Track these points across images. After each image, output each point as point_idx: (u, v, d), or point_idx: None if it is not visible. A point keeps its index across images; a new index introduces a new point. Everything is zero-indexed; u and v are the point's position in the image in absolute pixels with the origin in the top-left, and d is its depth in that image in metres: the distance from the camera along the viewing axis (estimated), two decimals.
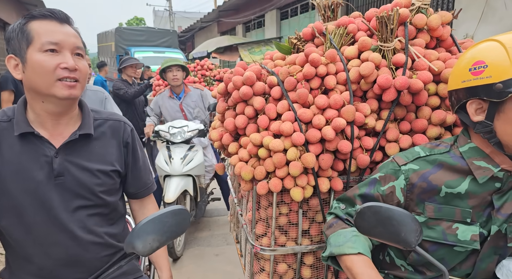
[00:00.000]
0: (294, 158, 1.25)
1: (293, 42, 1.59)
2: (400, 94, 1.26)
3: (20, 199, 1.03)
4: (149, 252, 0.84)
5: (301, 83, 1.34)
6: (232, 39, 13.73)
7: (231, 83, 1.45)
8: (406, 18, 1.34)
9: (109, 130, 1.18)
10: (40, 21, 1.00)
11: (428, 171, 1.04)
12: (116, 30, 13.92)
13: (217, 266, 3.07)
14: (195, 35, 22.24)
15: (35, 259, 1.08)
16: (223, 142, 1.49)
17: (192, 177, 3.20)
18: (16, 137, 1.03)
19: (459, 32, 6.36)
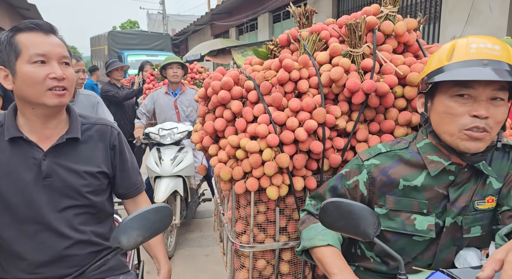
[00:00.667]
0: (269, 158, 1.32)
1: (270, 48, 1.67)
2: (368, 97, 1.34)
3: (10, 199, 1.09)
4: (133, 246, 0.89)
5: (276, 87, 1.41)
6: (225, 42, 13.79)
7: (210, 88, 1.52)
8: (374, 25, 1.42)
9: (96, 134, 1.24)
10: (27, 33, 1.06)
11: (388, 165, 1.13)
12: (109, 33, 13.95)
13: (207, 266, 3.12)
14: (189, 38, 22.31)
15: (25, 256, 1.13)
16: (204, 144, 1.56)
17: (182, 178, 3.26)
18: (6, 141, 1.10)
19: (447, 34, 6.49)
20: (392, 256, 0.89)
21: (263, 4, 12.60)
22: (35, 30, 1.07)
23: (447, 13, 6.56)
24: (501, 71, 0.91)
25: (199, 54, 13.36)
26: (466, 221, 1.09)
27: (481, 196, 1.10)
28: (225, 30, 16.57)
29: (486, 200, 1.10)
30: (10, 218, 1.11)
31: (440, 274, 0.89)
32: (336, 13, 9.79)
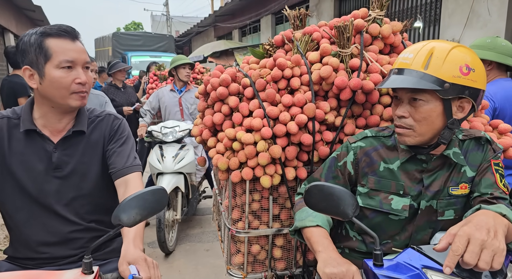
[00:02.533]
0: (263, 149, 1.44)
1: (266, 48, 1.79)
2: (355, 94, 1.45)
3: (24, 183, 1.21)
4: (132, 224, 0.96)
5: (270, 84, 1.53)
6: (228, 43, 13.90)
7: (210, 85, 1.64)
8: (361, 28, 1.54)
9: (100, 125, 1.34)
10: (56, 39, 1.15)
11: (372, 148, 1.28)
12: (113, 35, 14.12)
13: (207, 260, 3.23)
14: (192, 40, 22.50)
15: (33, 237, 1.24)
16: (203, 137, 1.68)
17: (184, 175, 3.38)
18: (22, 132, 1.21)
19: (446, 36, 6.59)
20: (368, 233, 1.01)
21: (266, 6, 12.75)
22: (64, 37, 1.16)
23: (446, 15, 6.66)
24: (402, 78, 1.10)
25: (202, 55, 13.48)
26: (441, 205, 1.21)
27: (455, 183, 1.21)
28: (228, 32, 16.73)
29: (459, 187, 1.21)
30: (22, 202, 1.22)
31: (411, 250, 1.01)
32: (338, 15, 9.92)
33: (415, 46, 1.14)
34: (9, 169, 1.20)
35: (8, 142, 1.19)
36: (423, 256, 0.94)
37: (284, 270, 1.63)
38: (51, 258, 1.26)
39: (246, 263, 1.61)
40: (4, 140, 1.19)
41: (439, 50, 1.08)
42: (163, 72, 5.47)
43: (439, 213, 1.21)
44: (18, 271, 0.97)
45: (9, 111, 1.24)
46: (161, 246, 3.21)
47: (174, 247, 3.45)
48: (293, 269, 1.63)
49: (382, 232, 1.25)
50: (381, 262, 0.94)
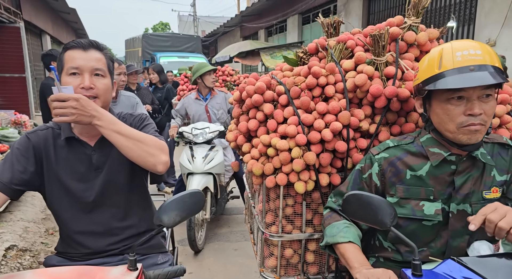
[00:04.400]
0: (298, 156, 1.47)
1: (300, 55, 1.82)
2: (390, 102, 1.46)
3: (69, 186, 1.32)
4: (172, 225, 1.02)
5: (304, 92, 1.57)
6: (254, 43, 13.91)
7: (245, 92, 1.69)
8: (397, 36, 1.54)
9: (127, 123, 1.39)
10: (70, 50, 1.28)
11: (396, 157, 1.29)
12: (143, 36, 14.49)
13: (236, 259, 3.29)
14: (218, 40, 22.74)
15: (79, 233, 1.36)
16: (238, 143, 1.73)
17: (213, 175, 3.46)
18: (63, 140, 1.33)
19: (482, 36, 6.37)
20: (406, 243, 1.02)
21: (293, 6, 12.71)
22: (76, 48, 1.28)
23: (482, 14, 6.43)
24: (486, 74, 1.07)
25: (228, 55, 13.58)
26: (476, 209, 1.21)
27: (487, 187, 1.24)
28: (254, 32, 16.81)
29: (492, 190, 1.23)
30: (68, 201, 1.33)
31: (451, 261, 1.02)
32: (367, 14, 9.78)
33: (469, 43, 1.14)
34: (56, 174, 1.32)
35: (54, 150, 1.32)
36: (463, 268, 0.95)
37: (317, 275, 1.67)
38: (95, 253, 1.37)
39: (279, 266, 1.65)
40: (51, 148, 1.32)
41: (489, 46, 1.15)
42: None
43: None
44: (70, 267, 1.05)
45: (52, 123, 1.37)
46: (191, 244, 3.30)
47: (203, 246, 3.53)
48: (325, 273, 1.66)
49: (417, 239, 1.26)
50: (420, 272, 0.95)
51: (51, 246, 3.36)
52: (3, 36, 8.58)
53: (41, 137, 1.33)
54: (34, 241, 3.31)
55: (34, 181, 1.30)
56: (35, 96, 10.37)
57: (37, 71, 11.90)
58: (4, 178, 1.23)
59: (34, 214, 3.88)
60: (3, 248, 2.89)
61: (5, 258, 2.82)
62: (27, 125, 6.18)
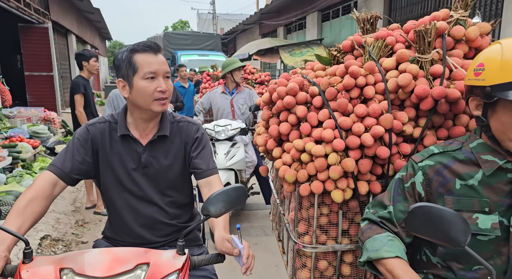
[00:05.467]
0: (335, 162, 1.35)
1: (333, 53, 1.68)
2: (438, 103, 1.31)
3: (120, 177, 1.39)
4: (218, 215, 1.07)
5: (341, 93, 1.43)
6: (273, 41, 13.75)
7: (276, 93, 1.57)
8: (443, 31, 1.38)
9: (181, 131, 1.47)
10: (142, 54, 1.30)
11: (443, 165, 1.14)
12: (164, 34, 14.52)
13: (256, 254, 3.24)
14: (237, 37, 22.63)
15: (129, 222, 1.41)
16: (268, 147, 1.61)
17: (234, 171, 3.45)
18: (119, 136, 1.38)
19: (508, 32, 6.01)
20: (462, 259, 0.88)
21: (313, 3, 12.46)
22: (148, 52, 1.31)
23: (509, 10, 6.08)
24: None
25: (247, 53, 13.45)
26: None
27: None
28: (273, 29, 16.60)
29: None
30: (120, 191, 1.40)
31: None
32: (388, 11, 9.45)
33: None
34: (110, 164, 1.38)
35: (109, 142, 1.39)
36: None
37: None
38: (140, 243, 1.40)
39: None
40: (107, 141, 1.39)
41: None
42: (216, 72, 5.52)
43: None
44: (129, 247, 1.08)
45: (109, 117, 1.43)
46: (213, 237, 3.26)
47: None
48: None
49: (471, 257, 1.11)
50: None
51: (81, 236, 3.44)
52: (32, 36, 8.84)
53: (99, 130, 1.39)
54: (66, 231, 3.42)
55: (90, 170, 1.37)
56: (61, 94, 10.62)
57: (63, 70, 12.13)
58: (66, 167, 1.30)
59: (65, 207, 3.98)
60: (38, 237, 3.05)
61: (40, 246, 2.97)
62: (56, 122, 6.33)
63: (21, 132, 4.74)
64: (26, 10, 7.56)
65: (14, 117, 5.64)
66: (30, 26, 8.75)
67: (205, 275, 1.39)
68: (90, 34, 17.20)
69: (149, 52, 1.31)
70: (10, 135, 4.53)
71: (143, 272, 0.97)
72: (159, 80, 1.30)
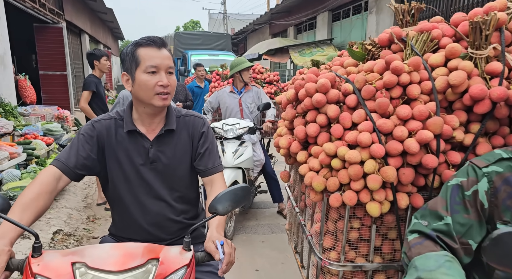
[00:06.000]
0: (372, 170, 1.15)
1: (368, 48, 1.48)
2: (496, 106, 1.11)
3: (128, 173, 1.34)
4: (225, 213, 1.07)
5: (381, 92, 1.23)
6: (283, 41, 13.58)
7: (303, 90, 1.38)
8: (503, 23, 1.18)
9: (187, 125, 1.42)
10: (145, 48, 1.27)
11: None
12: (175, 34, 14.35)
13: (263, 251, 3.19)
14: (248, 37, 22.42)
15: (137, 219, 1.36)
16: (292, 150, 1.42)
17: (242, 170, 3.40)
18: (125, 132, 1.34)
19: None
20: None
21: (323, 3, 12.23)
22: (151, 46, 1.27)
23: None
24: None
25: (257, 53, 13.27)
26: None
27: None
28: (283, 29, 16.37)
29: None
30: (127, 187, 1.35)
31: None
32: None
33: None
34: (117, 160, 1.34)
35: (115, 138, 1.35)
36: None
37: None
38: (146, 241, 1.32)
39: None
40: (113, 137, 1.35)
41: None
42: (226, 71, 5.39)
43: None
44: (139, 243, 1.07)
45: (115, 114, 1.39)
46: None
47: (232, 237, 3.46)
48: None
49: None
50: None
51: (92, 232, 3.42)
52: (46, 35, 8.78)
53: (105, 126, 1.36)
54: (77, 226, 3.43)
55: (94, 167, 1.33)
56: (74, 92, 10.58)
57: (76, 69, 12.07)
58: (70, 162, 1.27)
59: (76, 203, 4.00)
60: (51, 231, 3.06)
61: (53, 240, 2.98)
62: (69, 120, 6.32)
63: (35, 130, 4.69)
64: (41, 10, 7.49)
65: (29, 115, 5.62)
66: (45, 26, 8.68)
67: (210, 271, 1.38)
68: (103, 34, 17.10)
69: (152, 47, 1.28)
70: (25, 133, 4.49)
71: (153, 267, 0.98)
72: (160, 75, 1.27)
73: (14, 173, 3.51)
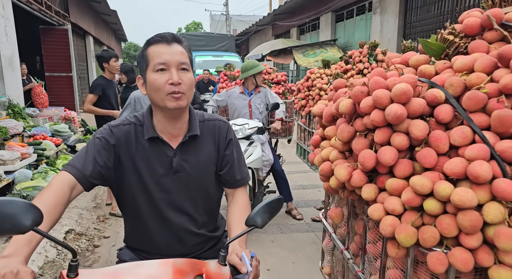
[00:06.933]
0: (500, 219, 0.73)
1: (448, 38, 1.05)
2: None
3: (148, 183, 1.19)
4: (263, 225, 1.02)
5: (498, 100, 0.81)
6: (286, 42, 13.22)
7: (368, 100, 0.95)
8: None
9: (212, 130, 1.27)
10: (154, 45, 1.12)
11: None
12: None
13: (273, 250, 3.09)
14: (250, 38, 21.94)
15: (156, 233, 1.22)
16: (354, 183, 0.99)
17: (251, 170, 3.30)
18: (146, 139, 1.18)
19: None
20: None
21: (327, 4, 11.78)
22: (160, 42, 1.13)
23: None
24: None
25: (261, 54, 12.92)
26: None
27: None
28: (286, 30, 15.92)
29: None
30: (147, 199, 1.20)
31: None
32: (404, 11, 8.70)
33: None
34: (136, 170, 1.20)
35: (135, 146, 1.20)
36: None
37: None
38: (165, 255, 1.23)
39: None
40: (133, 144, 1.20)
41: None
42: (233, 72, 5.16)
43: None
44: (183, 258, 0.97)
45: (133, 118, 1.24)
46: None
47: None
48: None
49: None
50: None
51: (103, 232, 3.35)
52: (52, 37, 8.57)
53: (124, 133, 1.20)
54: (88, 226, 3.39)
55: (109, 177, 1.17)
56: (79, 94, 10.36)
57: (81, 71, 11.83)
58: (86, 170, 1.11)
59: (86, 203, 3.96)
60: (63, 231, 3.03)
61: (65, 240, 2.93)
62: (76, 121, 6.26)
63: (43, 131, 4.61)
64: (48, 13, 7.27)
65: (37, 116, 5.56)
66: (50, 28, 8.48)
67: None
68: (107, 36, 16.73)
69: (161, 43, 1.13)
70: (33, 134, 4.41)
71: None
72: (171, 72, 1.11)
73: (26, 173, 3.43)
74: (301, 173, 5.55)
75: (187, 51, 1.17)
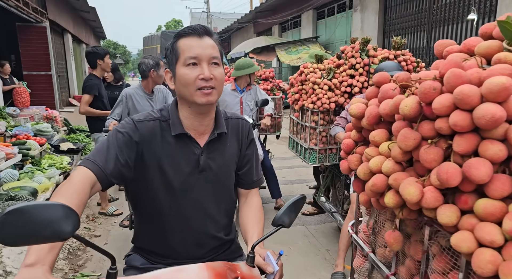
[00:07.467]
0: None
1: None
2: None
3: (172, 182, 1.12)
4: (290, 224, 1.02)
5: None
6: (269, 39, 13.05)
7: (444, 99, 0.72)
8: None
9: (236, 128, 1.23)
10: (184, 38, 1.08)
11: None
12: (161, 33, 13.62)
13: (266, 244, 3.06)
14: (232, 36, 21.56)
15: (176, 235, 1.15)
16: (427, 204, 0.75)
17: None
18: (173, 136, 1.12)
19: None
20: None
21: (308, 1, 11.61)
22: (191, 35, 1.08)
23: (503, 6, 5.45)
24: None
25: (243, 51, 12.70)
26: None
27: None
28: (268, 28, 15.68)
29: None
30: (170, 200, 1.14)
31: None
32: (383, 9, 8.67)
33: None
34: (161, 168, 1.11)
35: (161, 143, 1.12)
36: None
37: None
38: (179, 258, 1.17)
39: None
40: (158, 141, 1.12)
41: None
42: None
43: None
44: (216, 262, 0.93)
45: (158, 114, 1.16)
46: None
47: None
48: None
49: None
50: None
51: (93, 230, 3.31)
52: (30, 35, 8.23)
53: (149, 129, 1.11)
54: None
55: (127, 175, 1.07)
56: (59, 92, 9.88)
57: (60, 69, 11.27)
58: (107, 168, 1.00)
59: None
60: None
61: None
62: (58, 120, 6.02)
63: (25, 131, 4.42)
64: (25, 9, 6.85)
65: (18, 116, 5.31)
66: (28, 25, 8.02)
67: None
68: (85, 33, 15.98)
69: (192, 36, 1.08)
70: (15, 133, 4.24)
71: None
72: (202, 67, 1.06)
73: (12, 173, 3.32)
74: (288, 168, 5.46)
75: (218, 44, 1.11)
